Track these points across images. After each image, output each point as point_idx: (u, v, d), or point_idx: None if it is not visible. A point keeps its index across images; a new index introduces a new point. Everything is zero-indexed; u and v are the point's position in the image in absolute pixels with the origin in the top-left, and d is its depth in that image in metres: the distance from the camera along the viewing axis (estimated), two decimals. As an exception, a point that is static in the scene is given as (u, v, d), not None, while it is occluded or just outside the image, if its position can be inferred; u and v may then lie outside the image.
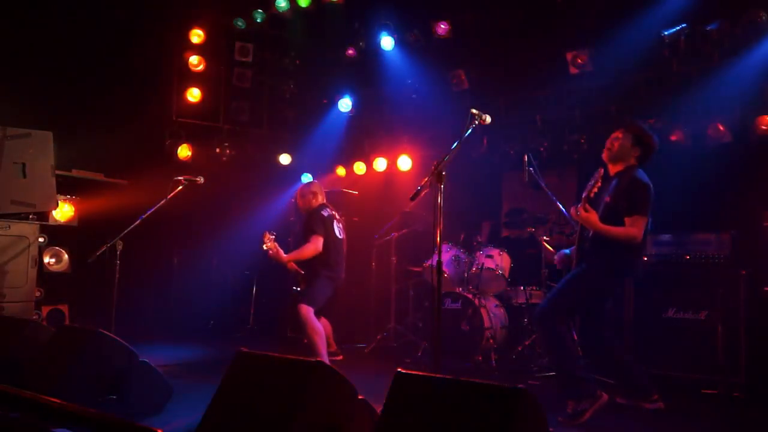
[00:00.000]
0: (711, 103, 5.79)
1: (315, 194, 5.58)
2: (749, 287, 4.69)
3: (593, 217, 3.79)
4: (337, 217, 5.59)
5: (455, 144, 3.48)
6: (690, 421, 4.05)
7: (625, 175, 3.95)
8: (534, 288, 6.13)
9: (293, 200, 5.66)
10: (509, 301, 6.28)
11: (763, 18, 5.33)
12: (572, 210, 3.92)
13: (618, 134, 4.06)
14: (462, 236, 6.60)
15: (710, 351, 4.66)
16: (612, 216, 3.86)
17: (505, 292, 6.29)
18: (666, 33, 5.85)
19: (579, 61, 6.31)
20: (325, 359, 4.99)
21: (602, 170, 3.88)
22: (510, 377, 5.29)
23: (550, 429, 2.13)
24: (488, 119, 3.60)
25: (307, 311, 5.16)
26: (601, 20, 6.17)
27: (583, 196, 3.82)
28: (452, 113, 7.54)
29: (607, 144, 4.09)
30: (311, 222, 5.37)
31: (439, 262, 3.29)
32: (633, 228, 3.80)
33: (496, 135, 7.00)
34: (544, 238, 5.89)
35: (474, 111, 3.58)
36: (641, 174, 3.94)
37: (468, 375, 5.30)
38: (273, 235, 5.26)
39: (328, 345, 5.95)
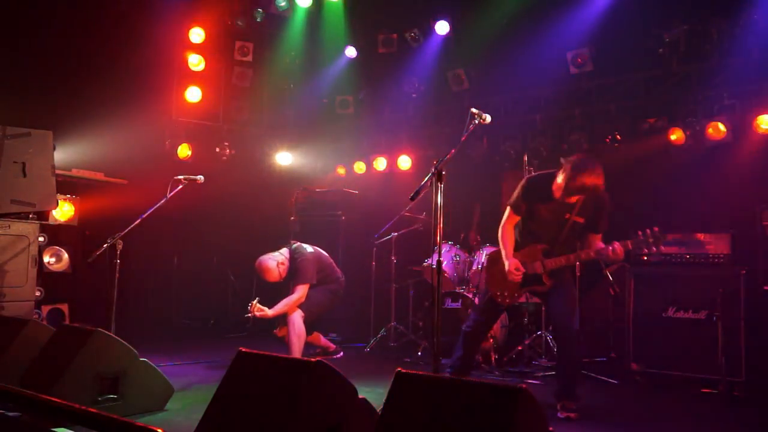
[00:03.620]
0: (711, 103, 5.80)
1: (281, 264, 5.54)
2: (749, 287, 4.69)
3: None
4: (305, 247, 5.67)
5: (455, 144, 3.48)
6: (690, 420, 4.05)
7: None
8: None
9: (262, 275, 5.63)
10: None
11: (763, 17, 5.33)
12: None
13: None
14: (462, 236, 6.61)
15: (710, 350, 4.65)
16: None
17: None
18: (666, 33, 5.85)
19: (579, 61, 6.32)
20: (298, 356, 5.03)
21: None
22: (510, 377, 5.29)
23: (550, 429, 2.13)
24: (488, 119, 3.60)
25: (296, 313, 5.21)
26: (601, 20, 6.17)
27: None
28: (452, 113, 7.56)
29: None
30: (301, 272, 5.44)
31: (439, 262, 3.29)
32: None
33: (496, 135, 7.00)
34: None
35: (474, 111, 3.57)
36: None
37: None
38: (256, 300, 5.30)
39: (327, 346, 5.94)
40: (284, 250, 5.65)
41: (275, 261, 5.52)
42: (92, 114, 6.98)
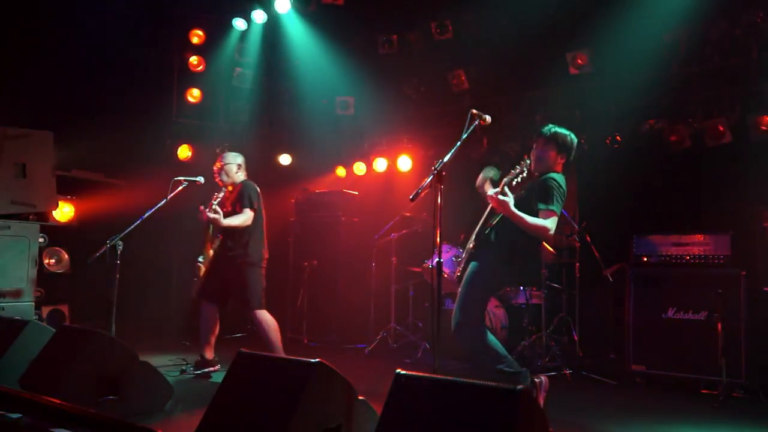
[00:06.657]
0: (711, 103, 5.80)
1: (240, 166, 5.38)
2: (749, 287, 4.70)
3: (510, 201, 3.53)
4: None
5: (455, 144, 3.47)
6: (690, 421, 4.05)
7: (542, 176, 3.80)
8: (534, 288, 6.13)
9: (214, 170, 5.37)
10: (509, 301, 6.27)
11: (763, 18, 5.33)
12: (489, 195, 3.65)
13: (541, 145, 3.87)
14: (462, 236, 6.60)
15: (710, 351, 4.65)
16: (523, 208, 3.64)
17: (505, 292, 6.29)
18: (666, 34, 5.85)
19: (579, 61, 6.32)
20: (282, 353, 4.85)
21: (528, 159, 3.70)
22: (510, 377, 5.28)
23: (550, 429, 2.13)
24: (488, 119, 3.59)
25: (262, 314, 4.99)
26: (601, 20, 6.17)
27: (504, 180, 3.59)
28: (452, 114, 7.56)
29: (534, 156, 3.88)
30: (248, 193, 5.14)
31: (439, 263, 3.29)
32: (547, 221, 3.57)
33: (496, 135, 7.00)
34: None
35: (474, 111, 3.57)
36: (558, 176, 3.77)
37: (468, 375, 5.31)
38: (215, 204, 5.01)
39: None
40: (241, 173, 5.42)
41: (239, 167, 5.34)
42: (92, 114, 6.99)
